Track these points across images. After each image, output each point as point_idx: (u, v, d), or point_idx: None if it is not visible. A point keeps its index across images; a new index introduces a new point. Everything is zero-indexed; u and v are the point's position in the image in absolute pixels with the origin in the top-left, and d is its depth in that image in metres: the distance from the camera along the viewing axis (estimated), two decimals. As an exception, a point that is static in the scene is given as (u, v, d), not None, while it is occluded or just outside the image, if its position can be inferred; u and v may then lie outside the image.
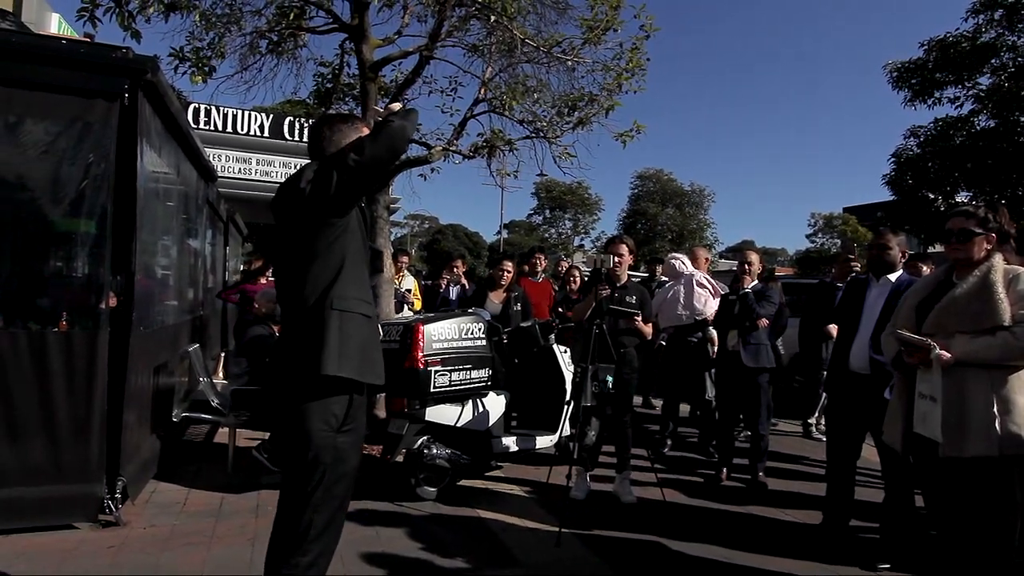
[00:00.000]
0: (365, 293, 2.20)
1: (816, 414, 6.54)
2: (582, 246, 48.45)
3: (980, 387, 2.39)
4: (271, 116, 13.62)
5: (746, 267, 4.89)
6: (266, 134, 13.58)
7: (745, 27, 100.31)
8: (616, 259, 4.42)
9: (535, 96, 6.32)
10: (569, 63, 5.86)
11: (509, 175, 7.15)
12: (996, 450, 2.33)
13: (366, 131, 2.19)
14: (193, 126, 11.16)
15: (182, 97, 6.88)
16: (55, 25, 17.93)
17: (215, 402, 4.78)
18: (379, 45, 6.07)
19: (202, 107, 12.95)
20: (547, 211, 50.86)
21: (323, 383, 2.05)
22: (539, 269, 6.50)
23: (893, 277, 3.53)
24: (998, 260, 2.52)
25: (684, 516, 4.05)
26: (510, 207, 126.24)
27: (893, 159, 17.61)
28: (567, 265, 7.54)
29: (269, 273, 8.80)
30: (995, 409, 2.36)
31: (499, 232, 43.47)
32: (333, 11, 5.92)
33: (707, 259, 6.41)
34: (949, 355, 2.39)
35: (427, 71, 6.11)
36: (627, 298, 4.40)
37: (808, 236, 45.83)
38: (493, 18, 5.38)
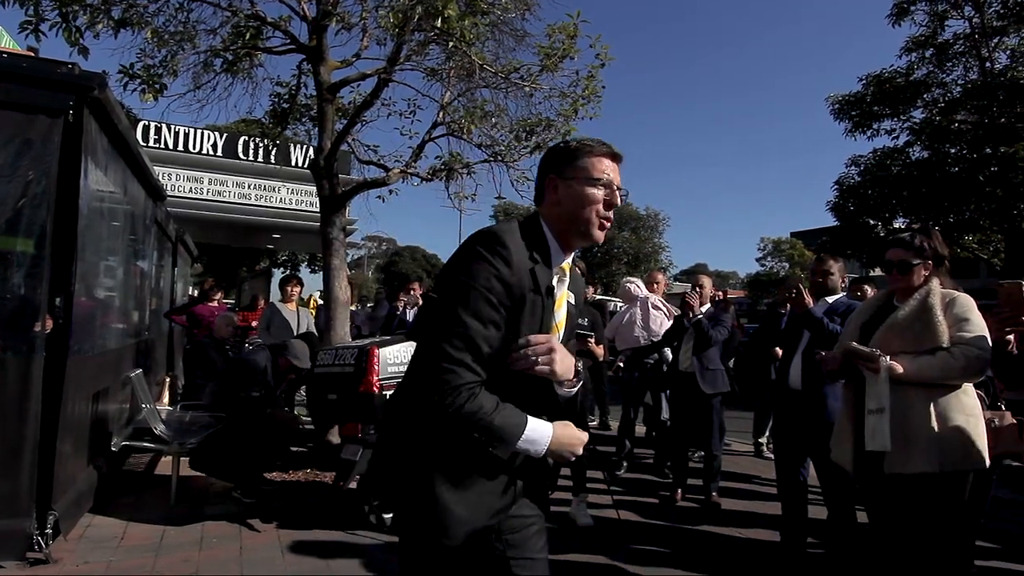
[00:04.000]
0: None
1: (767, 434, 6.69)
2: None
3: (921, 406, 2.50)
4: (225, 135, 13.37)
5: (698, 290, 5.01)
6: (219, 153, 13.31)
7: (699, 59, 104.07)
8: None
9: (493, 120, 6.40)
10: (527, 89, 5.96)
11: (467, 198, 7.19)
12: (937, 467, 2.42)
13: (602, 164, 1.57)
14: (143, 144, 10.87)
15: (131, 114, 6.70)
16: (-4, 37, 17.28)
17: (159, 429, 4.58)
18: (337, 67, 6.06)
19: (152, 125, 12.63)
20: (506, 234, 51.03)
21: None
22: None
23: (831, 299, 3.68)
24: (935, 285, 2.65)
25: (640, 537, 4.05)
26: (468, 229, 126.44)
27: (836, 187, 18.44)
28: None
29: (220, 296, 8.58)
30: (936, 427, 2.46)
31: (457, 254, 43.28)
32: (290, 32, 5.89)
33: (664, 282, 6.54)
34: (898, 364, 2.49)
35: (386, 93, 6.13)
36: (579, 320, 4.42)
37: (758, 260, 47.29)
38: (452, 43, 5.44)
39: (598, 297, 9.72)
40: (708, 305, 5.05)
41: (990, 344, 2.49)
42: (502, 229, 1.48)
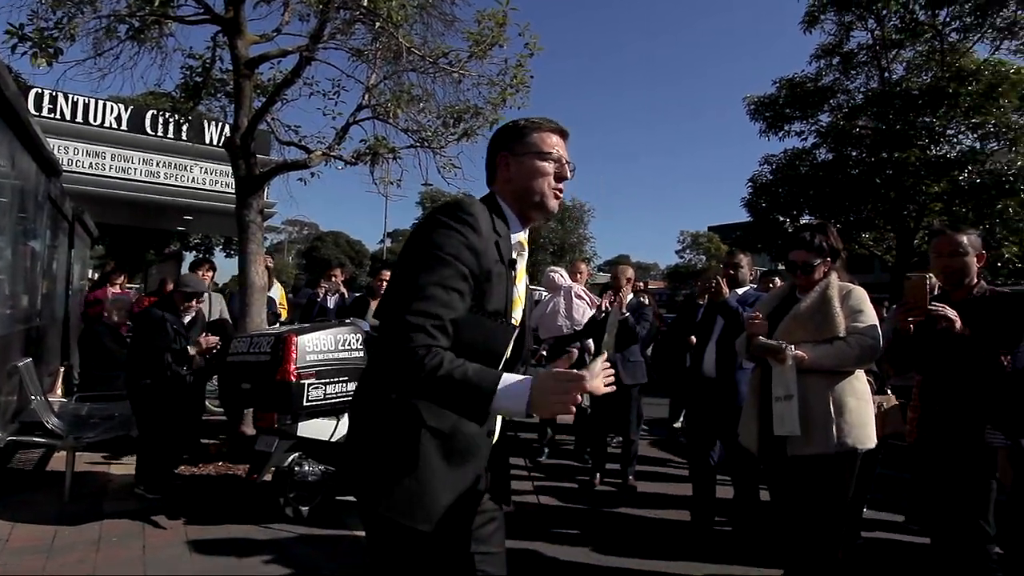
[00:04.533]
0: None
1: (681, 419, 6.98)
2: None
3: (819, 391, 2.68)
4: (130, 108, 12.46)
5: (624, 281, 5.15)
6: (124, 127, 12.38)
7: (625, 49, 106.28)
8: None
9: (420, 105, 6.28)
10: (455, 75, 5.89)
11: (393, 184, 7.04)
12: (833, 448, 2.61)
13: (551, 139, 1.64)
14: (35, 114, 9.96)
15: (20, 80, 6.12)
16: None
17: (51, 423, 4.26)
18: (256, 41, 5.77)
19: (47, 93, 11.59)
20: (432, 221, 50.52)
21: None
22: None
23: (740, 291, 3.89)
24: (834, 278, 2.84)
25: (559, 521, 4.15)
26: (394, 216, 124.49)
27: (750, 184, 19.39)
28: None
29: (123, 280, 8.04)
30: (831, 411, 2.65)
31: (383, 241, 42.67)
32: (205, 1, 5.55)
33: (587, 272, 6.68)
34: (803, 354, 2.66)
35: (308, 72, 5.90)
36: None
37: (678, 252, 49.11)
38: (378, 24, 5.29)
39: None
40: (631, 295, 5.20)
41: (880, 333, 2.70)
42: (468, 200, 1.52)
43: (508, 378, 1.32)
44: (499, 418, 1.60)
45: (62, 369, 6.83)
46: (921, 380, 2.76)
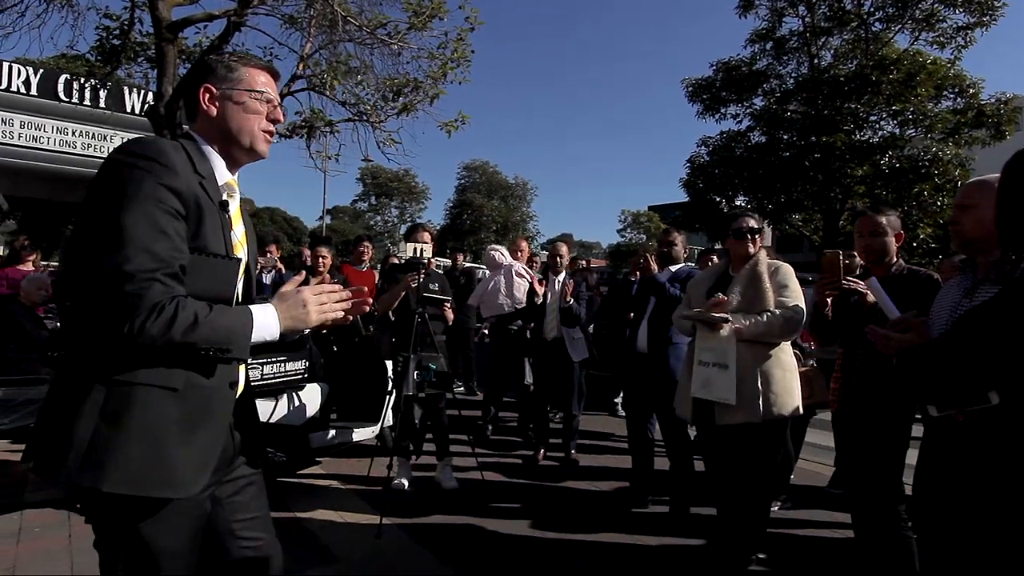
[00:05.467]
0: None
1: (621, 395, 7.16)
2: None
3: (747, 363, 2.80)
4: (40, 71, 11.56)
5: (558, 259, 5.19)
6: (33, 92, 11.48)
7: (568, 28, 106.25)
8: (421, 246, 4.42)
9: (358, 78, 6.12)
10: (394, 47, 5.75)
11: (331, 158, 6.85)
12: (760, 417, 2.74)
13: (262, 78, 1.54)
14: (-71, 75, 9.09)
15: (-90, 37, 5.57)
16: None
17: None
18: (179, 3, 5.46)
19: (-58, 53, 10.60)
20: (373, 198, 49.60)
21: None
22: (365, 258, 6.32)
23: (674, 268, 4.01)
24: (763, 255, 2.98)
25: (504, 496, 4.20)
26: (333, 192, 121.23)
27: (688, 164, 19.89)
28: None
29: (36, 257, 7.53)
30: (758, 381, 2.78)
31: (321, 217, 41.53)
32: (120, -44, 5.19)
33: (528, 250, 6.71)
34: (740, 324, 2.78)
35: (237, 39, 5.63)
36: (431, 285, 4.41)
37: (619, 231, 50.01)
38: (313, -11, 5.09)
39: (467, 265, 9.76)
40: (564, 273, 5.26)
41: (804, 308, 2.85)
42: (152, 139, 1.39)
43: (254, 308, 1.38)
44: (243, 369, 1.53)
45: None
46: (843, 352, 2.92)
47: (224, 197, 1.45)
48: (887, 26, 17.69)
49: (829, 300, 2.70)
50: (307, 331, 1.52)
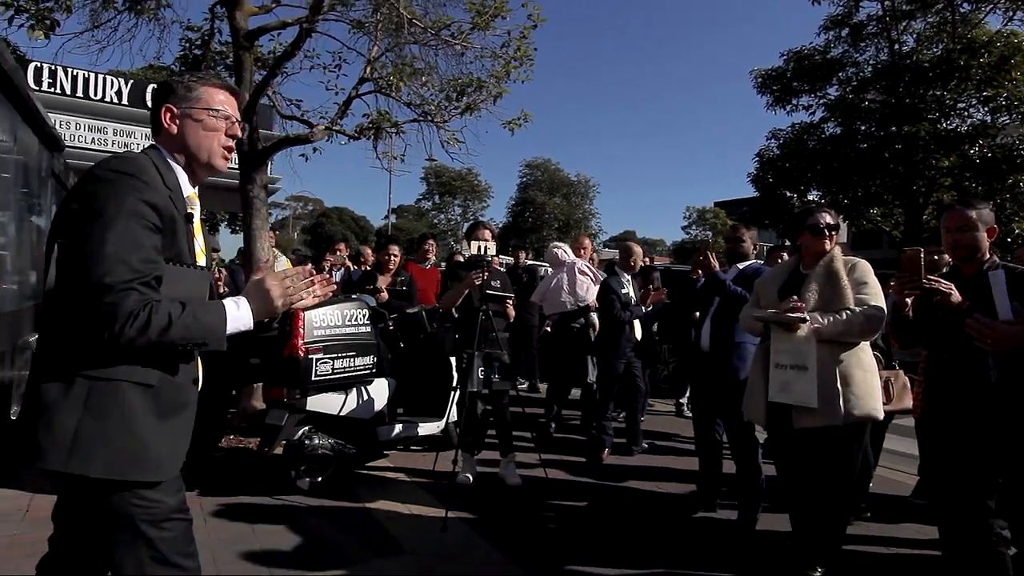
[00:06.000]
0: None
1: (687, 394, 7.02)
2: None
3: (826, 363, 2.68)
4: (131, 82, 12.34)
5: (638, 262, 5.24)
6: (125, 101, 12.27)
7: (632, 23, 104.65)
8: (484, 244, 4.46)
9: (423, 79, 6.21)
10: (457, 47, 5.80)
11: (396, 158, 7.00)
12: (840, 420, 2.62)
13: (219, 96, 1.64)
14: (34, 88, 9.87)
15: (18, 53, 6.06)
16: None
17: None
18: (255, 13, 5.68)
19: (45, 67, 11.47)
20: (436, 197, 50.39)
21: None
22: (430, 256, 6.43)
23: (741, 265, 3.88)
24: (838, 251, 2.85)
25: (567, 495, 4.19)
26: (399, 191, 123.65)
27: (757, 159, 19.20)
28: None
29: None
30: (838, 383, 2.66)
31: (387, 216, 42.61)
32: (202, -30, 5.47)
33: (591, 247, 6.65)
34: (818, 324, 2.67)
35: (309, 45, 5.81)
36: (493, 282, 4.41)
37: (684, 228, 48.97)
38: (379, -6, 5.20)
39: (529, 262, 9.78)
40: (626, 276, 5.21)
41: (885, 306, 2.70)
42: (132, 156, 1.50)
43: (227, 302, 1.51)
44: (200, 365, 1.64)
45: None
46: (927, 355, 2.76)
47: (188, 210, 1.58)
48: (976, 7, 16.53)
49: (909, 300, 2.56)
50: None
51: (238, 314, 1.51)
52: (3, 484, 3.84)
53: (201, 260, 1.61)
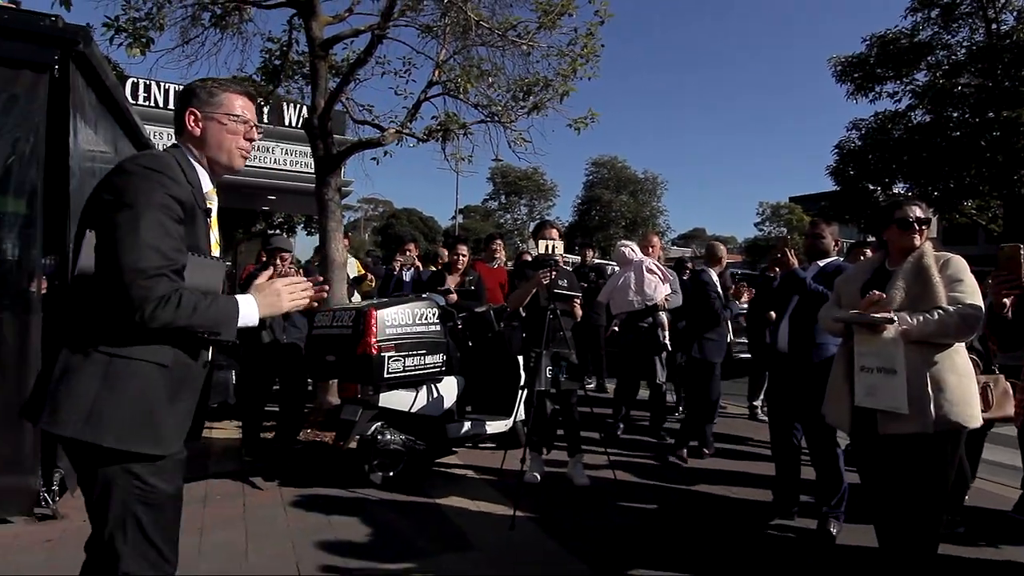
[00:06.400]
0: None
1: (761, 397, 6.77)
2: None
3: (916, 366, 2.51)
4: (216, 94, 13.09)
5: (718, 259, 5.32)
6: (210, 112, 13.04)
7: (693, 21, 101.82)
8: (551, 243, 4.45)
9: (490, 80, 6.27)
10: (524, 47, 5.83)
11: (464, 159, 7.11)
12: (931, 427, 2.46)
13: (239, 102, 1.76)
14: (131, 102, 10.62)
15: (118, 70, 6.52)
16: (-23, -10, 16.61)
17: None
18: (329, 22, 5.90)
19: (141, 82, 12.32)
20: (502, 196, 50.76)
21: None
22: (497, 255, 6.48)
23: (822, 262, 3.69)
24: (928, 247, 2.66)
25: (636, 496, 4.13)
26: (465, 192, 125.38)
27: (836, 150, 18.28)
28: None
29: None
30: (929, 388, 2.49)
31: (454, 217, 43.28)
32: (281, -16, 5.72)
33: (660, 245, 6.51)
34: (907, 324, 2.50)
35: (380, 51, 5.98)
36: (560, 281, 4.38)
37: (756, 224, 47.24)
38: (447, -2, 5.30)
39: (596, 261, 9.69)
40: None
41: (982, 305, 2.50)
42: (159, 153, 1.65)
43: (238, 297, 1.65)
44: (211, 349, 1.73)
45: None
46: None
47: (207, 205, 1.71)
48: (1087, -21, 15.12)
49: (1008, 300, 2.37)
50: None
51: (247, 311, 1.65)
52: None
53: (215, 251, 1.74)
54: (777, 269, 3.79)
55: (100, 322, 1.52)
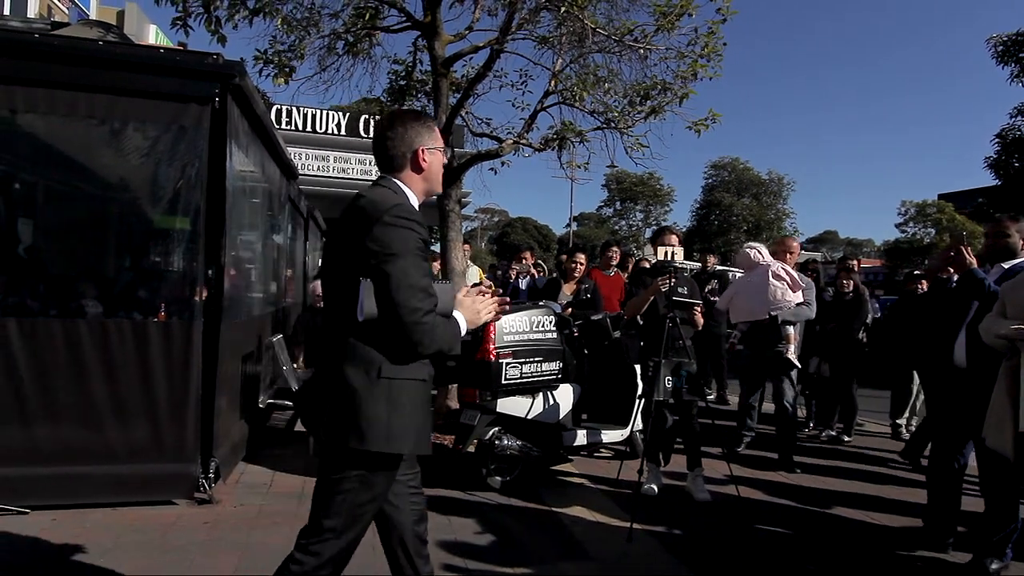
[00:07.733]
0: None
1: (907, 414, 6.16)
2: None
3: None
4: (347, 115, 14.07)
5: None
6: (343, 132, 14.04)
7: (828, 18, 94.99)
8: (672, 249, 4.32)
9: (606, 86, 6.23)
10: (641, 51, 5.73)
11: (579, 167, 7.10)
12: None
13: (437, 132, 1.96)
14: (276, 126, 11.70)
15: (265, 98, 7.21)
16: (152, 35, 19.10)
17: (296, 390, 5.00)
18: (451, 41, 6.15)
19: (284, 108, 13.53)
20: (617, 203, 50.12)
21: None
22: (614, 263, 6.40)
23: (1006, 264, 3.27)
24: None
25: (761, 516, 3.90)
26: (579, 199, 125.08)
27: (997, 140, 16.29)
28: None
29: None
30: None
31: (568, 224, 43.26)
32: (406, 9, 6.04)
33: (798, 251, 5.91)
34: None
35: (497, 65, 6.13)
36: (680, 289, 4.23)
37: (898, 226, 43.15)
38: (564, 8, 5.33)
39: (718, 268, 9.30)
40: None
41: None
42: (406, 203, 1.82)
43: (456, 316, 1.88)
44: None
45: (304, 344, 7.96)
46: None
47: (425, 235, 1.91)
48: None
49: None
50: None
51: (463, 327, 1.89)
52: (251, 461, 4.57)
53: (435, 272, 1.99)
54: (951, 270, 3.39)
55: (375, 352, 1.78)
